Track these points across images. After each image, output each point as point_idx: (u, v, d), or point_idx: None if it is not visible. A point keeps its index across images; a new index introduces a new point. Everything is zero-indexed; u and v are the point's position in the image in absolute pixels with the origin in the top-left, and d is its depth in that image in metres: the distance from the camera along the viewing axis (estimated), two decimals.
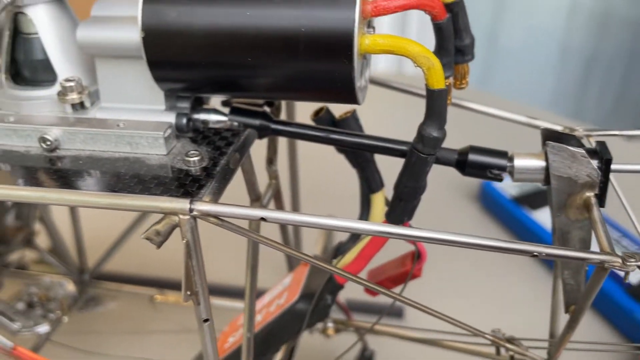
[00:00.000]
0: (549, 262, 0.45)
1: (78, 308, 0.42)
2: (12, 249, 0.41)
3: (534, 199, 0.51)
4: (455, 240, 0.19)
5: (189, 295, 0.20)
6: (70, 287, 0.43)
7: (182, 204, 0.19)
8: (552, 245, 0.21)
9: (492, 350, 0.31)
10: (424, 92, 0.20)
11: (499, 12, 1.66)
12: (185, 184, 0.21)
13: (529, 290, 0.44)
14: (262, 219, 0.19)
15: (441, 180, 0.35)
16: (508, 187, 0.53)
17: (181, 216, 0.19)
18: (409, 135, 0.22)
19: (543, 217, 0.49)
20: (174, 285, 0.42)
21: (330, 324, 0.35)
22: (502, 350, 0.30)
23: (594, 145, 0.23)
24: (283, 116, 0.29)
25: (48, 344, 0.38)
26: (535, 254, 0.19)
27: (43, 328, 0.39)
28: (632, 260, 0.19)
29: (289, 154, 0.35)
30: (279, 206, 0.31)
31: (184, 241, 0.19)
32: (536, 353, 0.27)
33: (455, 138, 0.28)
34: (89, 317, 0.42)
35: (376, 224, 0.20)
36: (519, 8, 1.64)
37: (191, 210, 0.19)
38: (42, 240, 0.43)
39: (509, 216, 0.51)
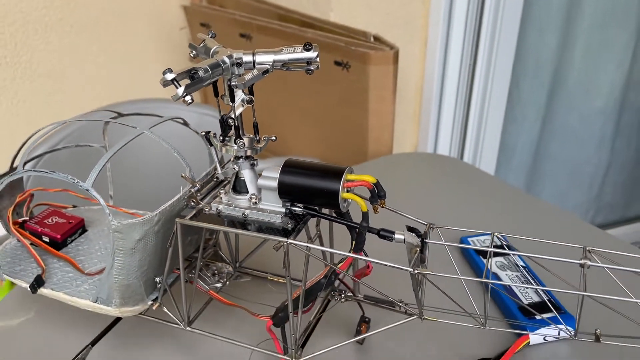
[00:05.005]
0: None
1: (233, 279, 0.90)
2: (207, 250, 0.90)
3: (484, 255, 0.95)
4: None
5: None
6: (230, 268, 0.91)
7: (285, 239, 0.66)
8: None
9: None
10: None
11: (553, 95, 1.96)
12: (288, 232, 0.67)
13: None
14: (308, 248, 0.65)
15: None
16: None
17: (284, 243, 0.66)
18: None
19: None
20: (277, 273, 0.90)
21: (342, 296, 0.81)
22: None
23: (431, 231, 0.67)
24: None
25: (220, 293, 0.87)
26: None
27: (219, 285, 0.88)
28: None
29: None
30: (320, 243, 0.77)
31: (285, 251, 0.66)
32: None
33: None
34: (236, 284, 0.90)
35: (350, 253, 0.66)
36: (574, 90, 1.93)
37: (287, 241, 0.66)
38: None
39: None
